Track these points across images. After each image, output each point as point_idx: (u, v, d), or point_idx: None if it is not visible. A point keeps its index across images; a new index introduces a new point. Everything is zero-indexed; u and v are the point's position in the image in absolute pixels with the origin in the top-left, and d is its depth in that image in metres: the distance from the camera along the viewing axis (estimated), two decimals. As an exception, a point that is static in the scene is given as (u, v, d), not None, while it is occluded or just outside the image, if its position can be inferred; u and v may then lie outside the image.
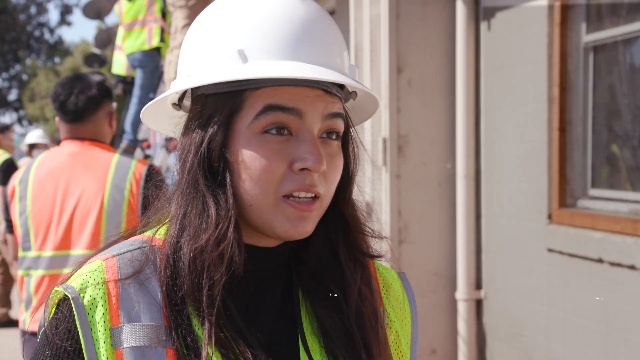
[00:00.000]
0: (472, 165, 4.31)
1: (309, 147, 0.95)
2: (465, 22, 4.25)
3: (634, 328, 3.16)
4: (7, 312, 7.51)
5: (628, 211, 3.39)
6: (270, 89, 0.95)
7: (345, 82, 0.96)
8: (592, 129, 3.65)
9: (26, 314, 2.82)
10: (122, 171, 2.80)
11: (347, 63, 1.03)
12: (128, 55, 7.26)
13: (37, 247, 2.76)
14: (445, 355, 4.39)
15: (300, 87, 0.96)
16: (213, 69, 0.97)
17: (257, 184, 0.95)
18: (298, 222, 0.97)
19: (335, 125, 0.99)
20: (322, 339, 1.02)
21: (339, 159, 1.01)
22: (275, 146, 0.95)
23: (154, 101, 1.05)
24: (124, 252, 1.00)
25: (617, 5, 3.50)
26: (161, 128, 1.14)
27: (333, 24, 1.03)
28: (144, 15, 7.09)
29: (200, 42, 1.01)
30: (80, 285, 0.95)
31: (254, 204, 0.97)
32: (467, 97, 4.27)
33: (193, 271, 0.95)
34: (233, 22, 0.98)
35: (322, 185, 0.98)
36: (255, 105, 0.96)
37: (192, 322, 0.95)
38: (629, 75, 3.49)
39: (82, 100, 2.82)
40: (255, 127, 0.96)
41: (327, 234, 1.05)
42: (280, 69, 0.94)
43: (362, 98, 1.09)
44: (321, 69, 0.96)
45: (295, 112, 0.95)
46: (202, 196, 0.96)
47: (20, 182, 2.83)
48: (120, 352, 0.93)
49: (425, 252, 4.37)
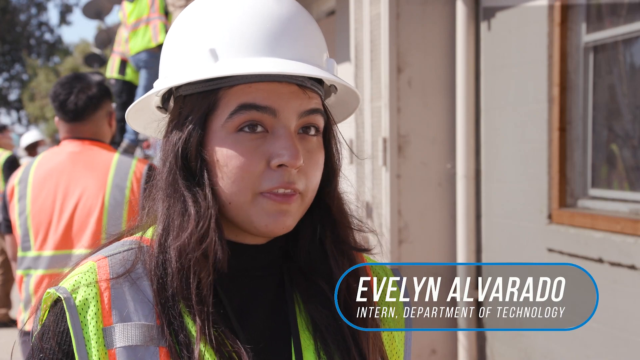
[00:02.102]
0: (472, 165, 4.31)
1: (285, 142, 0.95)
2: (465, 22, 4.25)
3: (634, 328, 3.16)
4: (7, 312, 7.50)
5: (628, 211, 3.39)
6: (244, 87, 0.95)
7: (316, 74, 0.95)
8: (592, 129, 3.65)
9: (25, 314, 2.81)
10: (123, 170, 2.80)
11: (324, 57, 1.02)
12: (133, 55, 7.25)
13: (37, 247, 2.75)
14: (445, 355, 4.39)
15: (273, 84, 0.95)
16: (186, 69, 0.98)
17: (235, 182, 0.96)
18: (278, 216, 0.97)
19: (312, 120, 0.99)
20: (314, 335, 1.02)
21: (318, 155, 1.00)
22: (250, 143, 0.95)
23: (135, 104, 1.05)
24: (116, 253, 1.00)
25: (617, 5, 3.50)
26: (149, 132, 1.13)
27: (310, 21, 1.02)
28: (148, 13, 7.09)
29: (175, 43, 1.01)
30: (72, 287, 0.96)
31: (233, 202, 0.97)
32: (467, 97, 4.27)
33: (180, 270, 0.95)
34: (206, 22, 0.98)
35: (301, 181, 0.97)
36: (229, 104, 0.96)
37: (184, 319, 0.95)
38: (629, 75, 3.49)
39: (82, 99, 2.82)
40: (230, 126, 0.96)
41: (315, 229, 1.05)
42: (251, 65, 0.94)
43: (345, 93, 1.08)
44: (293, 63, 0.95)
45: (269, 111, 0.95)
46: (181, 196, 0.97)
47: (19, 182, 2.82)
48: (113, 352, 0.93)
49: (425, 252, 4.38)
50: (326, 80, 1.01)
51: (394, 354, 1.10)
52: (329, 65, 1.02)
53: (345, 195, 1.09)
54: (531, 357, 3.82)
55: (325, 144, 1.03)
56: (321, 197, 1.04)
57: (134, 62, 7.30)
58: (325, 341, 1.01)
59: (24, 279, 2.79)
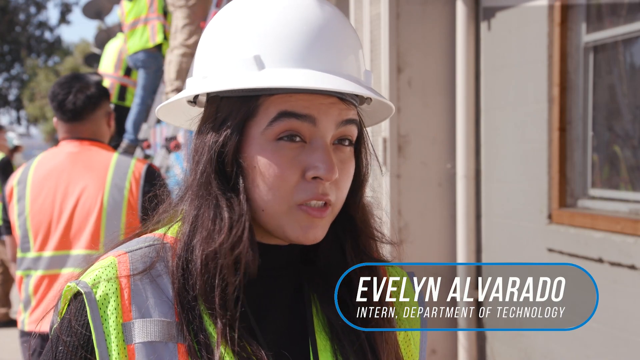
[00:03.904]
0: (472, 165, 4.31)
1: (322, 155, 0.96)
2: (465, 22, 4.24)
3: (634, 328, 3.15)
4: (7, 312, 7.51)
5: (628, 211, 3.39)
6: (285, 96, 0.96)
7: (361, 92, 0.96)
8: (592, 129, 3.65)
9: (24, 314, 2.81)
10: (122, 170, 2.79)
11: (362, 69, 1.03)
12: (131, 55, 7.24)
13: (37, 248, 2.75)
14: (445, 355, 4.39)
15: (315, 95, 0.96)
16: (229, 73, 0.97)
17: (271, 190, 0.96)
18: (309, 228, 0.97)
19: (348, 131, 1.00)
20: (331, 336, 1.02)
21: (350, 166, 1.01)
22: (289, 153, 0.96)
23: (170, 101, 1.06)
24: (136, 249, 1.00)
25: (617, 5, 3.50)
26: (177, 123, 1.14)
27: (350, 28, 1.03)
28: (146, 13, 7.08)
29: (216, 44, 1.01)
30: (92, 281, 0.96)
31: (267, 210, 0.97)
32: (467, 97, 4.27)
33: (205, 273, 0.95)
34: (249, 26, 0.98)
35: (333, 192, 0.98)
36: (269, 111, 0.96)
37: (204, 319, 0.95)
38: (629, 75, 3.49)
39: (80, 99, 2.81)
40: (269, 134, 0.96)
41: (337, 236, 1.05)
42: (295, 78, 0.94)
43: (377, 103, 1.08)
44: (338, 79, 0.96)
45: (309, 119, 0.96)
46: (214, 199, 0.97)
47: (18, 183, 2.81)
48: (132, 347, 0.93)
49: (425, 252, 4.37)
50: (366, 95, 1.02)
51: (409, 356, 1.11)
52: (367, 78, 1.03)
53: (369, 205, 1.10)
54: (531, 357, 3.82)
55: (355, 154, 1.04)
56: (347, 206, 1.04)
57: (131, 62, 7.30)
58: (341, 343, 1.02)
59: (23, 280, 2.79)
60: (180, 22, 6.12)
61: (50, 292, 2.71)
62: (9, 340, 6.51)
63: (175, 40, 6.20)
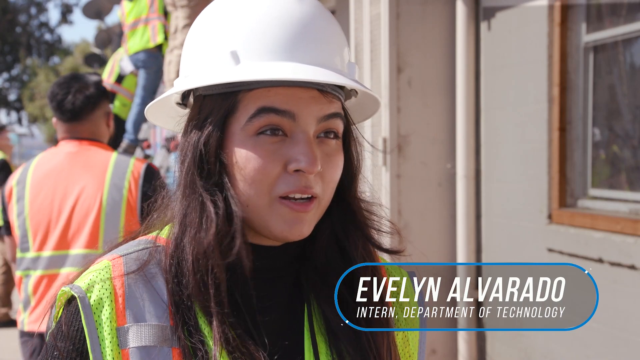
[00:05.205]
0: (472, 165, 4.31)
1: (303, 148, 0.95)
2: (465, 22, 4.24)
3: (634, 328, 3.15)
4: (7, 312, 7.51)
5: (628, 211, 3.39)
6: (264, 90, 0.95)
7: (339, 82, 0.95)
8: (592, 129, 3.65)
9: (24, 314, 2.80)
10: (121, 170, 2.79)
11: (346, 61, 1.02)
12: (131, 55, 7.24)
13: (36, 248, 2.75)
14: (445, 355, 4.39)
15: (294, 88, 0.95)
16: (207, 70, 0.97)
17: (252, 184, 0.95)
18: (294, 223, 0.96)
19: (332, 125, 0.98)
20: (329, 338, 1.02)
21: (337, 158, 1.00)
22: (270, 147, 0.95)
23: (156, 101, 1.06)
24: (130, 252, 1.00)
25: (617, 5, 3.50)
26: (168, 126, 1.14)
27: (332, 22, 1.02)
28: (147, 13, 7.07)
29: (196, 43, 1.01)
30: (86, 285, 0.96)
31: (250, 205, 0.97)
32: (467, 97, 4.27)
33: (197, 272, 0.95)
34: (228, 23, 0.98)
35: (318, 185, 0.97)
36: (248, 107, 0.95)
37: (199, 320, 0.95)
38: (629, 75, 3.49)
39: (79, 99, 2.81)
40: (249, 129, 0.95)
41: (334, 230, 1.04)
42: (271, 70, 0.93)
43: (365, 96, 1.07)
44: (315, 69, 0.95)
45: (288, 115, 0.95)
46: (199, 197, 0.96)
47: (17, 183, 2.81)
48: (126, 352, 0.93)
49: (425, 252, 4.37)
50: (347, 86, 1.01)
51: (408, 356, 1.10)
52: (350, 69, 1.02)
53: (365, 197, 1.09)
54: (531, 357, 3.82)
55: (344, 146, 1.03)
56: (341, 199, 1.03)
57: (132, 62, 7.29)
58: (339, 343, 1.01)
59: (23, 280, 2.79)
60: (181, 22, 6.11)
61: (50, 291, 2.71)
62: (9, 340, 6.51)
63: (176, 41, 6.19)
